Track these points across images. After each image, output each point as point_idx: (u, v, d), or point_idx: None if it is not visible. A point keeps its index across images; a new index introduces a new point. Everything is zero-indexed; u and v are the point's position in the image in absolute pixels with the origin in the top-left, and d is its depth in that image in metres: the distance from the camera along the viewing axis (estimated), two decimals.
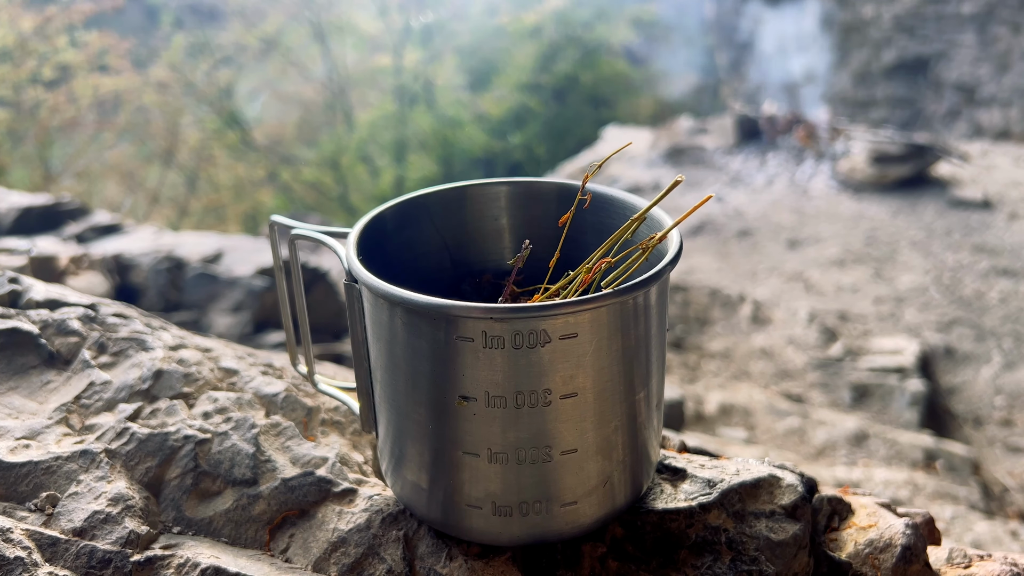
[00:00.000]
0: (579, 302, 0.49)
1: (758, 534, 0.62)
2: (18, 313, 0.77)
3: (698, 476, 0.66)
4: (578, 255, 0.66)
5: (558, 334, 0.49)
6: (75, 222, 2.63)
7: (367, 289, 0.52)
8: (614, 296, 0.50)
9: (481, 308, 0.48)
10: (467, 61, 12.45)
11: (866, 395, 3.60)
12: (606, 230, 0.65)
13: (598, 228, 0.66)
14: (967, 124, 10.21)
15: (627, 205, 0.64)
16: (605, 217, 0.65)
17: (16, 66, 7.95)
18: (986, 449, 3.43)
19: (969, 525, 2.44)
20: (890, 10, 10.78)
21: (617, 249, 0.63)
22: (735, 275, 5.36)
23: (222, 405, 0.71)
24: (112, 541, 0.59)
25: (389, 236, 0.63)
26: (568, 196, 0.67)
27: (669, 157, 8.00)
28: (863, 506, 0.71)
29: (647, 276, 0.52)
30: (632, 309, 0.52)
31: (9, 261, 1.76)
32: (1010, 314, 4.68)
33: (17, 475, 0.63)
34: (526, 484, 0.54)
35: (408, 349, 0.52)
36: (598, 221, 0.66)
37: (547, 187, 0.68)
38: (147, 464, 0.66)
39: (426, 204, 0.65)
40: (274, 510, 0.64)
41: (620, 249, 0.64)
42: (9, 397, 0.71)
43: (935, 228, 6.14)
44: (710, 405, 3.26)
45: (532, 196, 0.68)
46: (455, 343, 0.49)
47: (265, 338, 2.37)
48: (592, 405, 0.53)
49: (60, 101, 8.17)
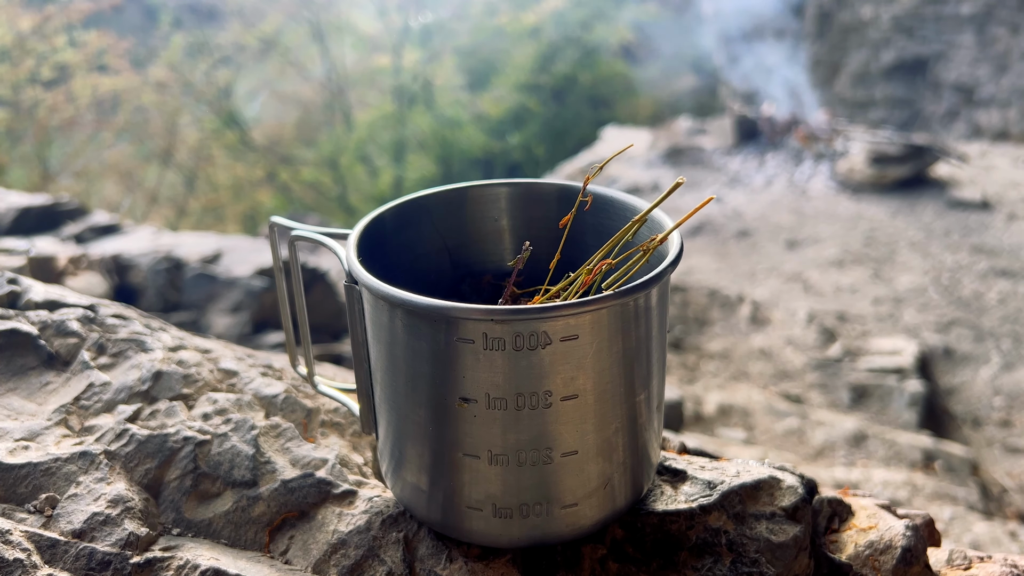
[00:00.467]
0: (580, 304, 0.49)
1: (758, 536, 0.62)
2: (17, 314, 0.77)
3: (698, 478, 0.66)
4: (579, 256, 0.66)
5: (559, 336, 0.49)
6: (74, 222, 2.62)
7: (367, 290, 0.52)
8: (615, 298, 0.50)
9: (482, 310, 0.48)
10: (466, 61, 12.45)
11: (865, 396, 3.60)
12: (606, 232, 0.65)
13: (598, 230, 0.65)
14: (966, 125, 10.22)
15: (628, 207, 0.64)
16: (605, 219, 0.65)
17: (15, 66, 7.95)
18: (985, 450, 3.44)
19: (968, 526, 2.44)
20: (889, 11, 10.79)
21: (618, 251, 0.63)
22: (734, 275, 5.37)
23: (222, 406, 0.71)
24: (112, 543, 0.59)
25: (389, 237, 0.63)
26: (568, 197, 0.67)
27: (668, 157, 8.01)
28: (863, 507, 0.71)
29: (648, 278, 0.52)
30: (633, 311, 0.52)
31: (8, 261, 1.75)
32: (1009, 315, 4.68)
33: (16, 477, 0.63)
34: (526, 486, 0.54)
35: (408, 351, 0.52)
36: (598, 223, 0.66)
37: (548, 188, 0.68)
38: (146, 465, 0.65)
39: (426, 205, 0.65)
40: (274, 512, 0.64)
41: (621, 251, 0.64)
42: (8, 398, 0.70)
43: (934, 229, 6.14)
44: (709, 406, 3.26)
45: (532, 197, 0.68)
46: (455, 345, 0.49)
47: (264, 338, 2.37)
48: (593, 407, 0.52)
49: (59, 100, 8.16)
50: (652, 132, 8.96)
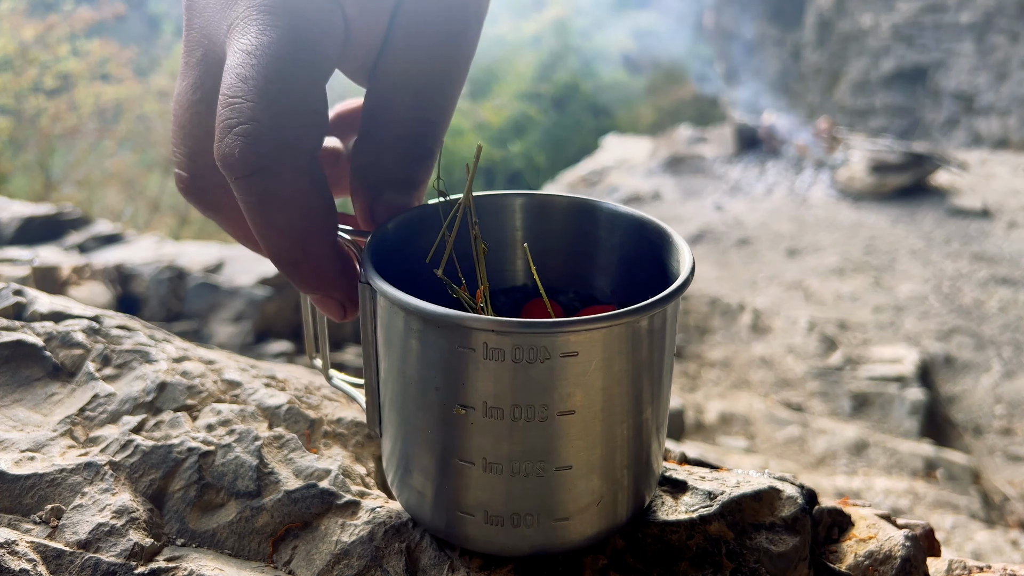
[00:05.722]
0: (584, 321, 0.49)
1: (758, 546, 0.63)
2: (23, 325, 0.77)
3: (699, 488, 0.67)
4: (590, 272, 0.66)
5: (559, 351, 0.49)
6: (77, 232, 2.64)
7: (381, 295, 0.53)
8: (622, 317, 0.50)
9: (485, 320, 0.49)
10: None
11: (866, 404, 3.60)
12: (619, 248, 0.65)
13: (611, 246, 0.66)
14: (966, 133, 10.24)
15: (644, 224, 0.64)
16: (620, 236, 0.66)
17: (18, 75, 7.98)
18: (986, 458, 3.43)
19: (969, 534, 2.44)
20: (888, 19, 10.83)
21: (622, 262, 0.63)
22: (735, 284, 5.37)
23: (225, 417, 0.71)
24: (116, 553, 0.59)
25: (404, 243, 0.63)
26: (583, 211, 0.67)
27: (669, 166, 8.02)
28: (863, 517, 0.71)
29: (658, 298, 0.51)
30: (640, 330, 0.52)
31: (12, 271, 1.76)
32: (1009, 323, 4.68)
33: (22, 487, 0.63)
34: (518, 496, 0.54)
35: (415, 356, 0.52)
36: (612, 239, 0.66)
37: (561, 201, 0.68)
38: (151, 476, 0.66)
39: (437, 215, 0.65)
40: (277, 522, 0.64)
41: (626, 262, 0.64)
42: (14, 409, 0.71)
43: (934, 237, 6.15)
44: (710, 414, 3.27)
45: (546, 210, 0.68)
46: (458, 352, 0.50)
47: (266, 348, 2.37)
48: (591, 424, 0.52)
49: (61, 109, 8.19)
50: (653, 140, 8.99)
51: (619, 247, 0.65)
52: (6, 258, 1.90)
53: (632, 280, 0.64)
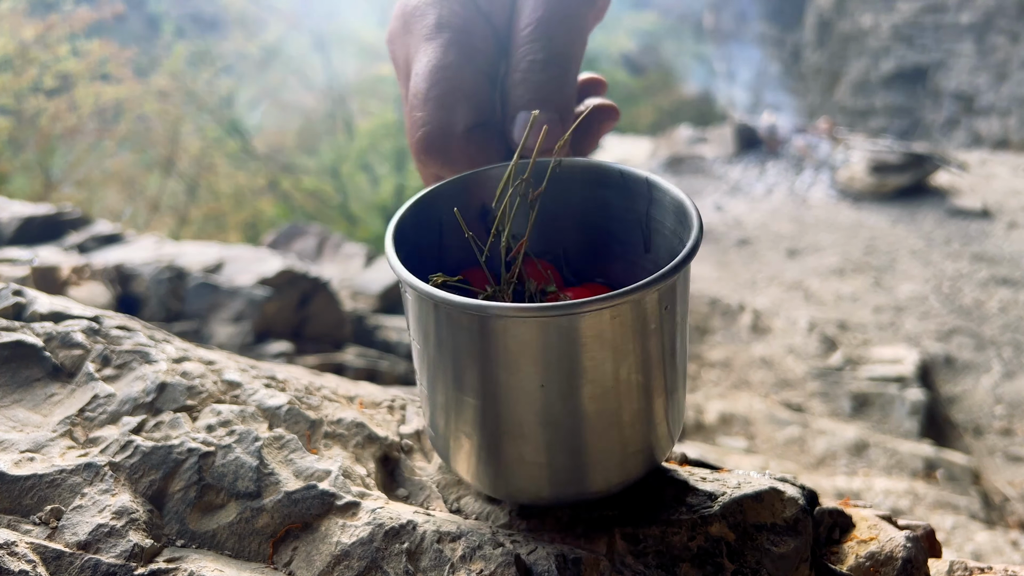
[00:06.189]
0: (608, 298, 0.51)
1: (759, 547, 0.63)
2: (23, 326, 0.77)
3: (700, 489, 0.67)
4: (603, 239, 0.69)
5: (587, 328, 0.52)
6: (76, 232, 2.63)
7: (409, 287, 0.56)
8: (641, 289, 0.52)
9: (512, 308, 0.51)
10: None
11: (866, 404, 3.60)
12: (634, 216, 0.66)
13: (624, 212, 0.67)
14: (966, 133, 10.24)
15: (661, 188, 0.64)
16: (634, 202, 0.66)
17: (17, 74, 7.98)
18: (986, 458, 3.43)
19: (970, 535, 2.44)
20: (888, 20, 10.83)
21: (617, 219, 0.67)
22: (735, 284, 5.37)
23: (225, 418, 0.71)
24: (116, 554, 0.59)
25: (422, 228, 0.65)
26: (598, 176, 0.67)
27: (669, 166, 8.02)
28: (864, 518, 0.71)
29: (677, 261, 0.54)
30: (661, 295, 0.55)
31: (11, 271, 1.76)
32: (1010, 323, 4.68)
33: (22, 488, 0.63)
34: (556, 451, 0.58)
35: (449, 339, 0.56)
36: (626, 206, 0.66)
37: (577, 165, 0.68)
38: (151, 477, 0.66)
39: (446, 194, 0.66)
40: (277, 523, 0.64)
41: (619, 218, 0.67)
42: (13, 410, 0.71)
43: (934, 237, 6.15)
44: (710, 414, 3.27)
45: (559, 176, 0.67)
46: (488, 335, 0.53)
47: (266, 348, 2.37)
48: (619, 389, 0.56)
49: (61, 109, 8.20)
50: (653, 141, 8.99)
51: (634, 215, 0.68)
52: (6, 258, 1.90)
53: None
